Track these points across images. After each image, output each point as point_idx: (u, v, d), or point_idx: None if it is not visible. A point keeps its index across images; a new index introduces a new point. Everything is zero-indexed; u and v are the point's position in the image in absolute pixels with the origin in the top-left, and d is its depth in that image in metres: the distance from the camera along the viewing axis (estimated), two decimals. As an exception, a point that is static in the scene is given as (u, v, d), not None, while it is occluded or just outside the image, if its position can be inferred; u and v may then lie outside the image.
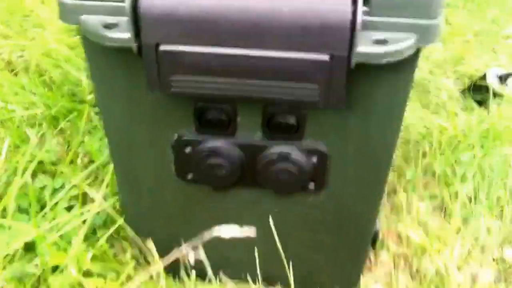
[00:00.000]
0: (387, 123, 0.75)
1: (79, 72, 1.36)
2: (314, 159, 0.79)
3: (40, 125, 1.27)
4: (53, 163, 1.16)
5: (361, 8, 0.62)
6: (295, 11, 0.62)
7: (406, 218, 1.12)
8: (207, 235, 0.86)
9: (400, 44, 0.64)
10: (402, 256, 1.07)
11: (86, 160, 1.18)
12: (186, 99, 0.74)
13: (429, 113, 1.38)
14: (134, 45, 0.66)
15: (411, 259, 1.06)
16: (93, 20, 0.67)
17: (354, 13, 0.62)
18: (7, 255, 0.91)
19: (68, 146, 1.22)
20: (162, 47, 0.65)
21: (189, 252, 0.90)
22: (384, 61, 0.64)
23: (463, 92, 1.50)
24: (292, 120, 0.76)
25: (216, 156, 0.80)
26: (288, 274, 0.92)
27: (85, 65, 1.37)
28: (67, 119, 1.26)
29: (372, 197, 0.86)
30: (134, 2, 0.64)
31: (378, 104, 0.73)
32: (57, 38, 1.51)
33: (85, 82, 1.32)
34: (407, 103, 0.74)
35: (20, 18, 1.65)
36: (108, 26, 0.66)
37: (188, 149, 0.80)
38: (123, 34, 0.66)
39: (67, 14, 0.68)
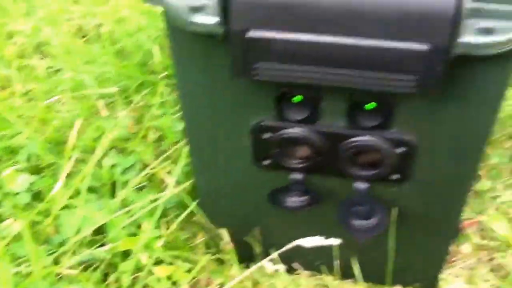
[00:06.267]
0: (483, 114, 0.70)
1: (152, 42, 1.33)
2: (401, 150, 0.74)
3: (110, 96, 1.26)
4: (124, 139, 1.14)
5: None
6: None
7: (489, 207, 1.07)
8: (288, 246, 0.83)
9: (508, 34, 0.58)
10: (484, 249, 1.02)
11: (156, 136, 1.16)
12: (269, 84, 0.70)
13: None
14: (220, 31, 0.63)
15: (493, 253, 1.01)
16: (178, 2, 0.63)
17: None
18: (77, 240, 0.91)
19: (139, 121, 1.20)
20: (251, 33, 0.62)
21: (269, 264, 0.88)
22: (488, 52, 0.59)
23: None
24: (379, 108, 0.71)
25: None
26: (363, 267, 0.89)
27: (159, 37, 1.34)
28: (139, 93, 1.23)
29: (459, 189, 0.81)
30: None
31: (476, 95, 0.67)
32: (129, 3, 1.49)
33: (158, 54, 1.29)
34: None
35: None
36: (194, 10, 0.62)
37: (266, 135, 0.76)
38: (210, 19, 0.62)
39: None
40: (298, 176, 0.80)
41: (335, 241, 0.82)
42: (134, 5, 1.47)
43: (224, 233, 0.92)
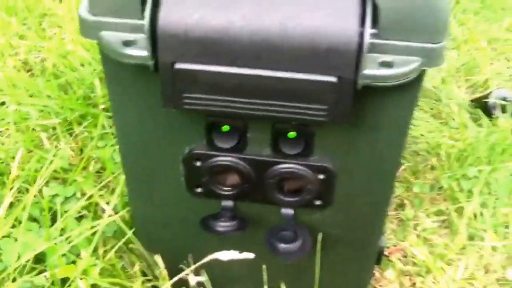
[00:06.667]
0: (392, 140, 0.77)
1: (95, 76, 1.38)
2: (321, 176, 0.80)
3: (54, 128, 1.29)
4: (65, 170, 1.18)
5: (368, 30, 0.63)
6: (304, 33, 0.64)
7: (412, 234, 1.13)
8: (206, 258, 0.88)
9: (405, 67, 0.65)
10: (406, 274, 1.08)
11: (98, 167, 1.20)
12: (198, 114, 0.76)
13: (439, 123, 1.39)
14: (151, 63, 0.68)
15: (415, 278, 1.07)
16: (112, 37, 0.68)
17: (362, 35, 0.63)
18: (17, 267, 0.94)
19: (81, 152, 1.24)
20: (177, 65, 0.67)
21: (191, 276, 0.92)
22: (389, 83, 0.65)
23: (473, 101, 1.49)
24: (300, 137, 0.77)
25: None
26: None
27: (101, 71, 1.39)
28: (81, 125, 1.27)
29: (377, 212, 0.87)
30: (153, 20, 0.66)
31: (383, 122, 0.74)
32: (74, 38, 1.53)
33: (99, 87, 1.33)
34: (413, 118, 0.75)
35: (38, 16, 1.67)
36: (127, 43, 0.68)
37: (198, 163, 0.81)
38: (141, 52, 0.67)
39: (87, 30, 0.69)
40: (228, 203, 0.85)
41: (249, 255, 0.86)
42: (78, 40, 1.51)
43: (159, 260, 0.95)
